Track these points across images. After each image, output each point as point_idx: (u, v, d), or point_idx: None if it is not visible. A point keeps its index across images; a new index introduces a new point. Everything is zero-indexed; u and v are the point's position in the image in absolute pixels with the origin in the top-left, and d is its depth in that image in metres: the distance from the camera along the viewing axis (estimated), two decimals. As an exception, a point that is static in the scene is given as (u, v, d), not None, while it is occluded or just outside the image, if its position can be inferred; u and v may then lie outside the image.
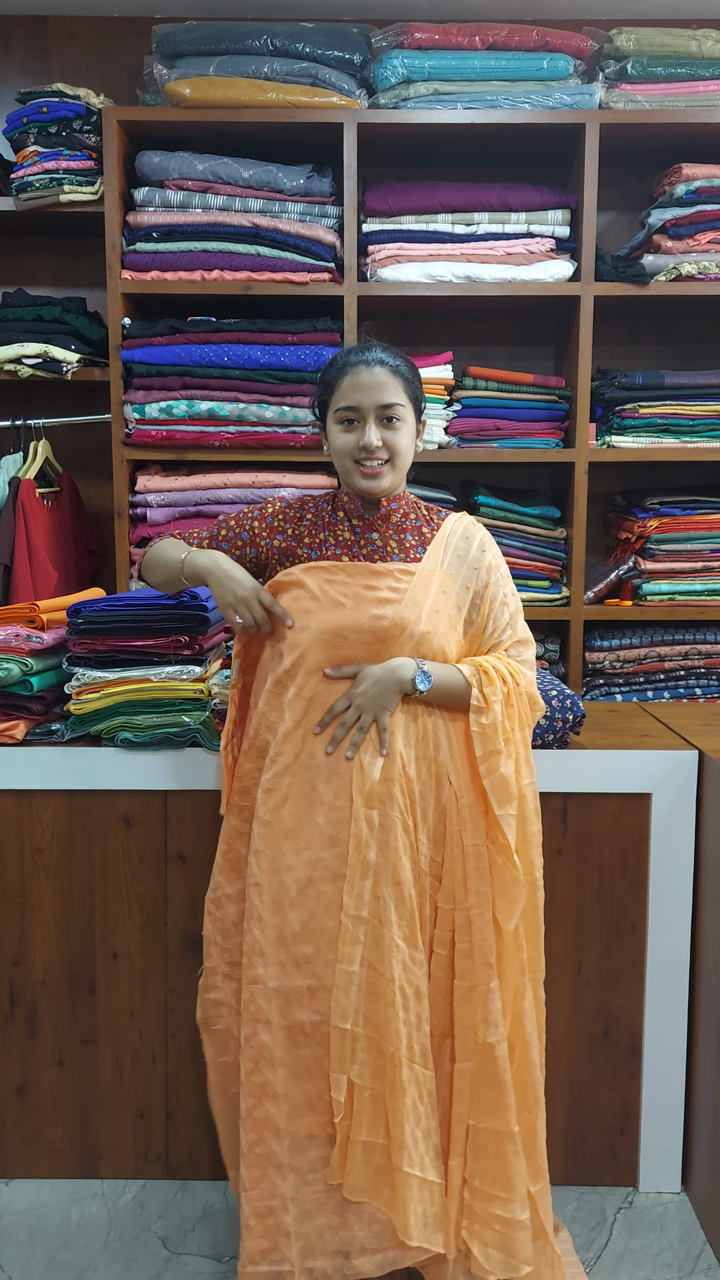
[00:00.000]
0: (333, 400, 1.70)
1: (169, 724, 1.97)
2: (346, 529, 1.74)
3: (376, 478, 1.69)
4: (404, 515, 1.77)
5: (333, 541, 1.73)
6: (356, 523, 1.74)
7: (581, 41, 2.74)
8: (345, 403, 1.68)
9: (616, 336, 3.11)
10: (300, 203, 2.71)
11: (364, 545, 1.73)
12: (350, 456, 1.68)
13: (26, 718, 2.04)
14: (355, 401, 1.67)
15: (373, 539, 1.73)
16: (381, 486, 1.70)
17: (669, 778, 1.98)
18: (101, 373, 2.79)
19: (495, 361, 3.09)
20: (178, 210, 2.70)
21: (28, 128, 2.70)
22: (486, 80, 2.71)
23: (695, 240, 2.75)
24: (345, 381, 1.69)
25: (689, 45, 2.73)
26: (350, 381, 1.68)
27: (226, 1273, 1.89)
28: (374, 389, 1.67)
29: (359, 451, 1.68)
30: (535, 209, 2.75)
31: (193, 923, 2.05)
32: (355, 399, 1.68)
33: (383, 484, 1.70)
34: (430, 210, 2.74)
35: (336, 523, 1.75)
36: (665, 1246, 1.95)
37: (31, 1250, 1.94)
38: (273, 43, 2.67)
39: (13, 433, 2.87)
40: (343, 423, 1.69)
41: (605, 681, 2.92)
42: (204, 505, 2.77)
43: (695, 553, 2.90)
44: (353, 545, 1.73)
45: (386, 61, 2.68)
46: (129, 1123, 2.10)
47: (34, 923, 2.05)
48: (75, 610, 1.97)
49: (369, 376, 1.68)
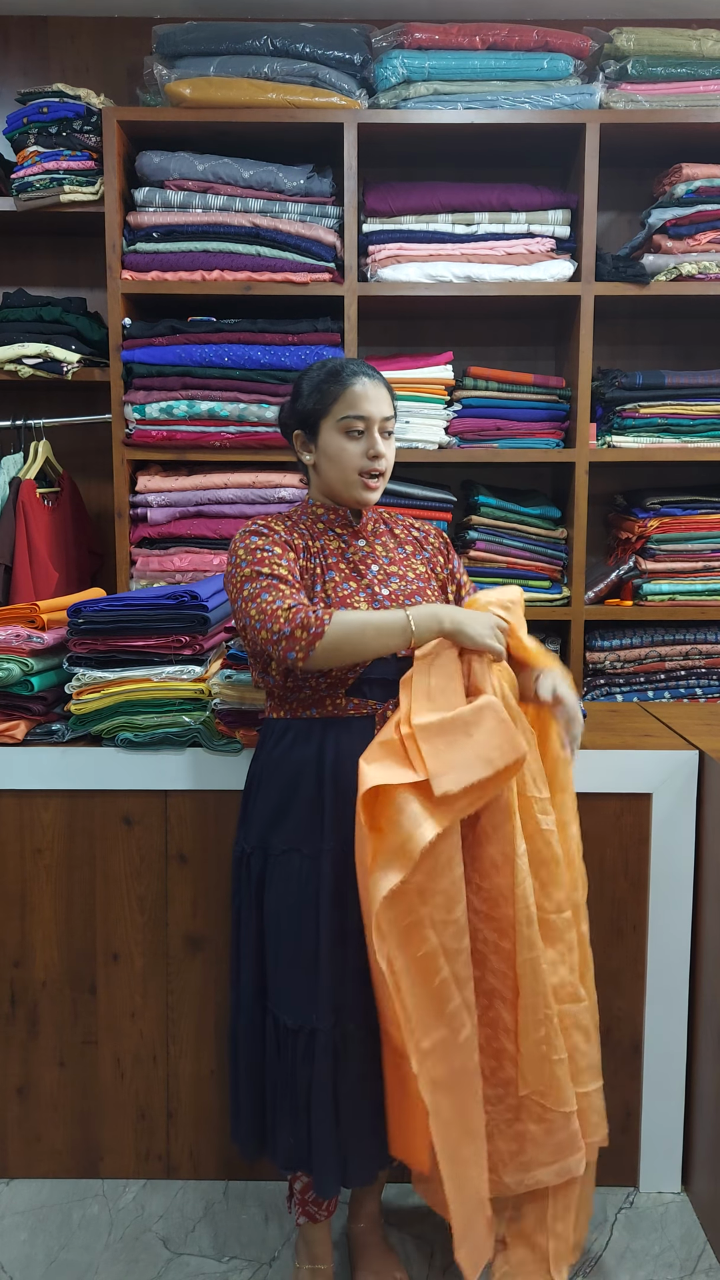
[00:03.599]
0: (334, 409, 1.70)
1: (169, 724, 1.98)
2: (332, 539, 1.76)
3: (376, 490, 1.73)
4: (376, 521, 1.82)
5: (328, 551, 1.74)
6: (341, 531, 1.77)
7: (581, 41, 2.74)
8: (354, 412, 1.69)
9: (617, 336, 3.11)
10: (300, 203, 2.71)
11: (355, 552, 1.76)
12: (356, 467, 1.70)
13: (27, 718, 2.04)
14: (365, 411, 1.69)
15: (359, 546, 1.77)
16: (375, 498, 1.74)
17: (669, 778, 1.98)
18: (102, 373, 2.79)
19: (496, 361, 3.09)
20: (178, 210, 2.70)
21: (28, 128, 2.70)
22: (486, 80, 2.71)
23: (695, 240, 2.75)
24: (351, 392, 1.69)
25: (689, 45, 2.73)
26: (358, 392, 1.69)
27: (227, 1272, 1.89)
28: (379, 400, 1.71)
29: (366, 462, 1.70)
30: (535, 209, 2.75)
31: (193, 923, 2.05)
32: (365, 409, 1.69)
33: (376, 496, 1.74)
34: (430, 210, 2.74)
35: (320, 534, 1.76)
36: (666, 1247, 1.95)
37: (33, 1250, 1.94)
38: (273, 43, 2.66)
39: (13, 433, 2.87)
40: (348, 433, 1.70)
41: (606, 681, 2.92)
42: (204, 505, 2.77)
43: (696, 553, 2.90)
44: (345, 553, 1.75)
45: (386, 61, 2.68)
46: (130, 1123, 2.10)
47: (35, 923, 2.05)
48: (75, 610, 1.97)
49: (374, 389, 1.71)
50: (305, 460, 1.78)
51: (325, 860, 1.67)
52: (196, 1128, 2.10)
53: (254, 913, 1.75)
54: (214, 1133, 2.10)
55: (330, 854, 1.67)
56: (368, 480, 1.71)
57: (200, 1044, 2.08)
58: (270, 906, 1.71)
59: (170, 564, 2.76)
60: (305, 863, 1.68)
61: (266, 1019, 1.74)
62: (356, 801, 1.54)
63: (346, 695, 1.69)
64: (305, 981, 1.67)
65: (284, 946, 1.69)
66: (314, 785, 1.68)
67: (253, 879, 1.74)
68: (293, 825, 1.69)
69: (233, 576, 1.68)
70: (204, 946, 2.06)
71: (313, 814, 1.68)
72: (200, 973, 2.06)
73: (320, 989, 1.67)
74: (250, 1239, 1.97)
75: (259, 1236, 1.98)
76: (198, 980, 2.06)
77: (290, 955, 1.69)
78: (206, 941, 2.06)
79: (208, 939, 2.06)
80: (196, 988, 2.06)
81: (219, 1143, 2.10)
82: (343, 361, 1.76)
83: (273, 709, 1.77)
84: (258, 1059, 1.76)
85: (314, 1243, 1.83)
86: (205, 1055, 2.07)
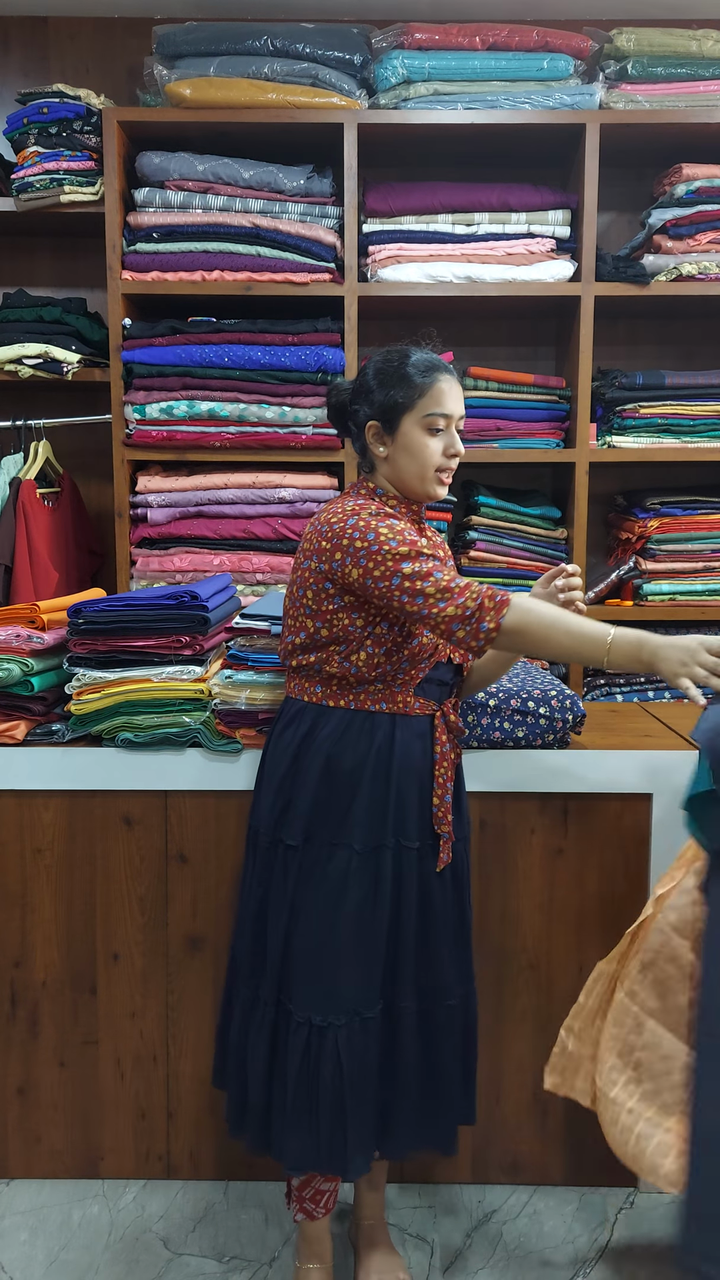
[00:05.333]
0: (420, 404, 1.69)
1: (169, 724, 1.98)
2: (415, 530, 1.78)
3: (447, 486, 1.75)
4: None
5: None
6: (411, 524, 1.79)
7: (582, 41, 2.74)
8: (440, 409, 1.70)
9: (617, 336, 3.11)
10: (300, 203, 2.71)
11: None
12: (434, 464, 1.71)
13: (27, 718, 2.04)
14: (449, 409, 1.71)
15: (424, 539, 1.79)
16: (445, 494, 1.76)
17: (669, 778, 1.97)
18: (102, 373, 2.79)
19: (496, 362, 3.09)
20: (178, 211, 2.70)
21: (28, 128, 2.70)
22: (487, 80, 2.71)
23: (696, 240, 2.75)
24: (438, 387, 1.70)
25: (689, 45, 2.73)
26: (444, 388, 1.70)
27: (227, 1272, 1.89)
28: (458, 399, 1.73)
29: (444, 460, 1.71)
30: (536, 209, 2.75)
31: (193, 923, 2.05)
32: (449, 407, 1.71)
33: (446, 491, 1.76)
34: (430, 210, 2.74)
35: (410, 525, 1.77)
36: (666, 1247, 1.94)
37: (33, 1251, 1.94)
38: (273, 43, 2.66)
39: (13, 433, 2.87)
40: (430, 430, 1.70)
41: (606, 682, 2.92)
42: (204, 505, 2.77)
43: (696, 553, 2.90)
44: None
45: (387, 62, 2.68)
46: (130, 1123, 2.10)
47: (35, 923, 2.05)
48: (76, 610, 1.97)
49: (454, 386, 1.72)
50: (378, 453, 1.74)
51: (386, 856, 1.67)
52: (196, 1128, 2.10)
53: (285, 904, 1.70)
54: (214, 1133, 2.10)
55: (391, 850, 1.67)
56: (442, 476, 1.73)
57: (200, 1044, 2.08)
58: (314, 902, 1.68)
59: (170, 564, 2.76)
60: (363, 859, 1.67)
61: (278, 1015, 1.71)
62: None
63: (414, 693, 1.70)
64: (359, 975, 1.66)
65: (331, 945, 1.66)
66: (380, 782, 1.67)
67: (290, 870, 1.70)
68: (353, 820, 1.67)
69: (380, 554, 1.59)
70: (204, 947, 2.06)
71: (376, 810, 1.67)
72: (200, 973, 2.06)
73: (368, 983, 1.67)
74: (250, 1239, 1.97)
75: (259, 1236, 1.98)
76: (198, 980, 2.06)
77: (339, 955, 1.66)
78: (206, 942, 2.06)
79: (208, 939, 2.06)
80: (196, 988, 2.07)
81: (219, 1143, 2.10)
82: (424, 354, 1.74)
83: (327, 696, 1.71)
84: (266, 1055, 1.72)
85: (314, 1241, 1.82)
86: (205, 1055, 2.07)
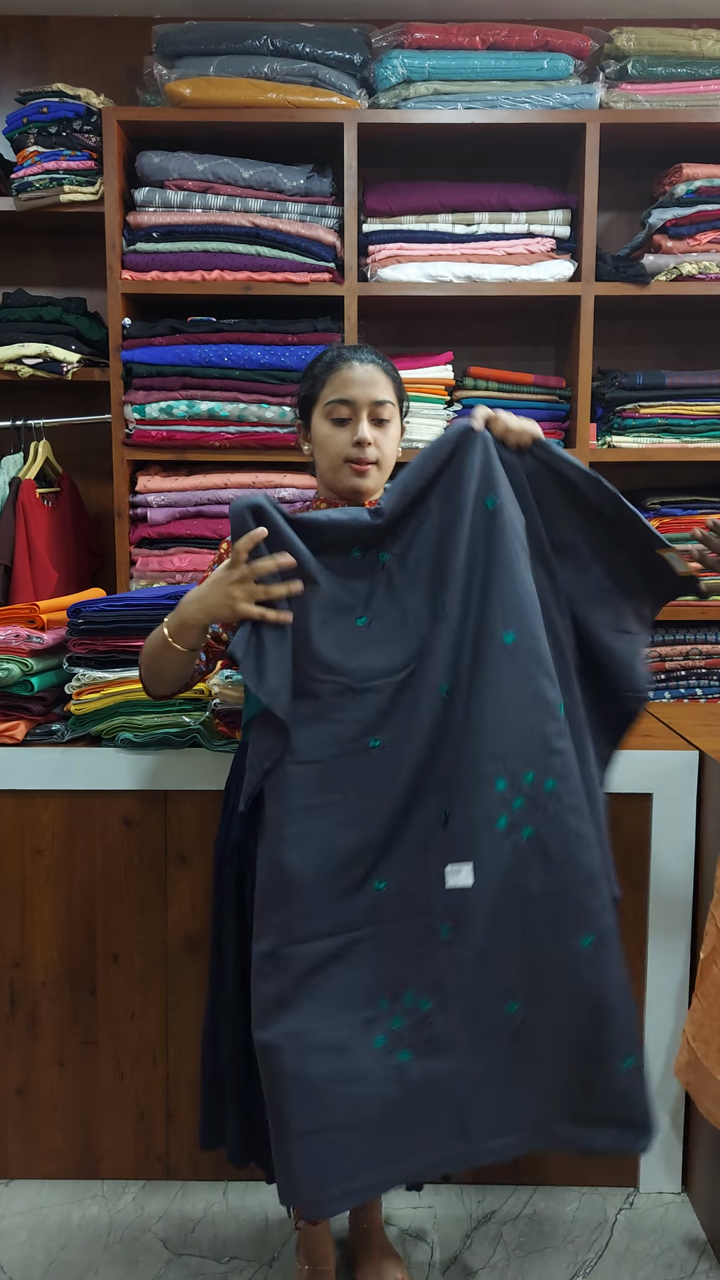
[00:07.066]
0: (322, 395, 1.68)
1: (169, 724, 1.97)
2: None
3: (366, 475, 1.66)
4: None
5: None
6: None
7: (582, 41, 2.74)
8: (338, 396, 1.65)
9: (617, 336, 3.11)
10: (300, 203, 2.71)
11: None
12: (341, 455, 1.66)
13: (27, 718, 2.04)
14: (350, 395, 1.65)
15: None
16: (368, 485, 1.68)
17: (669, 778, 1.97)
18: (102, 373, 2.79)
19: (496, 361, 3.08)
20: (178, 210, 2.70)
21: (28, 128, 2.70)
22: (487, 80, 2.71)
23: (696, 240, 2.74)
24: (338, 375, 1.67)
25: (689, 45, 2.73)
26: (343, 375, 1.66)
27: (227, 1273, 1.89)
28: (367, 384, 1.66)
29: (351, 448, 1.65)
30: (536, 209, 2.75)
31: (193, 923, 2.05)
32: (349, 392, 1.65)
33: (369, 483, 1.68)
34: (430, 210, 2.74)
35: None
36: (666, 1247, 1.94)
37: (32, 1251, 1.94)
38: (273, 43, 2.66)
39: (13, 433, 2.87)
40: (332, 419, 1.67)
41: (606, 682, 2.92)
42: (204, 505, 2.77)
43: (696, 553, 2.90)
44: None
45: (387, 61, 2.68)
46: (129, 1124, 2.10)
47: (34, 924, 2.05)
48: (75, 610, 1.97)
49: (362, 371, 1.66)
50: (304, 452, 1.76)
51: None
52: (196, 1128, 2.10)
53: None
54: (214, 1133, 2.10)
55: None
56: (355, 465, 1.65)
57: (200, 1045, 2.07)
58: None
59: (170, 564, 2.76)
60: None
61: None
62: None
63: None
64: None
65: None
66: None
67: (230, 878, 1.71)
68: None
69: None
70: (204, 947, 2.05)
71: None
72: (200, 973, 2.06)
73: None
74: (250, 1239, 1.97)
75: (259, 1237, 1.97)
76: (197, 980, 2.06)
77: None
78: (206, 942, 2.05)
79: (207, 939, 2.05)
80: (196, 988, 2.06)
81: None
82: (339, 347, 1.73)
83: None
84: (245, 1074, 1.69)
85: (314, 1243, 1.82)
86: (205, 1056, 2.07)
